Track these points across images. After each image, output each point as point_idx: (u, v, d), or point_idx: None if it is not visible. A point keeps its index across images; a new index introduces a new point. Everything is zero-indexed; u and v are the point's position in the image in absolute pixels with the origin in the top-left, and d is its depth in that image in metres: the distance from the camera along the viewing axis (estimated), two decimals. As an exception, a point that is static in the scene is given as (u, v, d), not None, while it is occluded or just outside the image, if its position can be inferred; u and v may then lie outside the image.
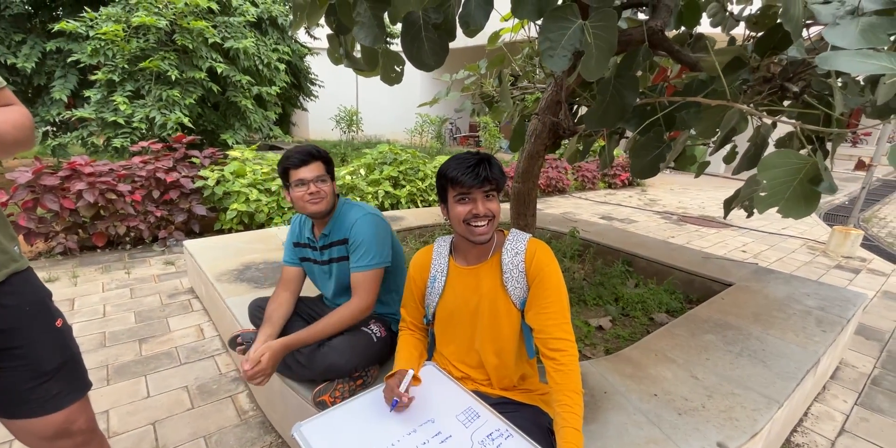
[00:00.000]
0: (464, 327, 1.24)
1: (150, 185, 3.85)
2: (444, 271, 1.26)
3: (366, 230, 1.46)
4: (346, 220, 1.49)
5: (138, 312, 2.74)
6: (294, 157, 1.41)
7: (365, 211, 1.50)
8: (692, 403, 1.47)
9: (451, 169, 1.12)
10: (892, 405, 2.15)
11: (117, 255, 3.70)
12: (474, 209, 1.11)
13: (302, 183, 1.41)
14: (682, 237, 4.99)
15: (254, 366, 1.27)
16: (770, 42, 1.50)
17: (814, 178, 1.07)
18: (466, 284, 1.22)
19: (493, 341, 1.21)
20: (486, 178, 1.09)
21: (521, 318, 1.19)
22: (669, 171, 10.77)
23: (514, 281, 1.16)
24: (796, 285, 2.58)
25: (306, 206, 1.43)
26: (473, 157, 1.12)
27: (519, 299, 1.17)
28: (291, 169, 1.41)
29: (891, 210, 7.49)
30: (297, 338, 1.37)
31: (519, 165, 2.46)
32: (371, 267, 1.45)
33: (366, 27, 1.23)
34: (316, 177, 1.42)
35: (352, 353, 1.40)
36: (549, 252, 1.19)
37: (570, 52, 1.14)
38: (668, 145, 1.65)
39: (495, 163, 1.13)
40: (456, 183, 1.10)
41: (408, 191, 5.12)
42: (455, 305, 1.24)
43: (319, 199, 1.42)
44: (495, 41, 2.62)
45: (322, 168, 1.45)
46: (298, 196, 1.42)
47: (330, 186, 1.46)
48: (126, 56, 5.03)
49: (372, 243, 1.45)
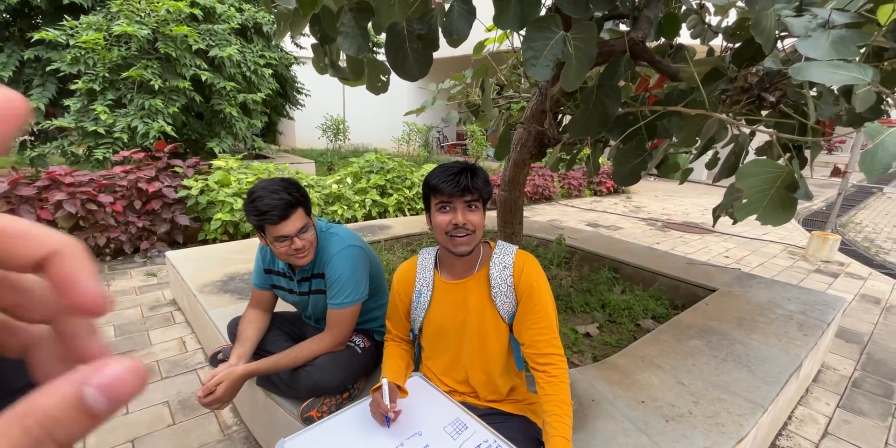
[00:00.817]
0: (450, 343, 1.23)
1: (131, 196, 3.77)
2: (429, 285, 1.23)
3: (342, 267, 1.37)
4: (325, 254, 1.40)
5: (118, 326, 2.66)
6: (272, 214, 1.21)
7: (343, 243, 1.41)
8: (679, 410, 1.47)
9: (433, 177, 1.10)
10: (873, 407, 2.19)
11: (97, 268, 3.60)
12: (454, 219, 1.08)
13: (284, 239, 1.26)
14: (667, 243, 5.06)
15: (207, 394, 1.22)
16: (747, 53, 1.54)
17: (790, 185, 1.09)
18: (453, 300, 1.20)
19: (481, 357, 1.20)
20: (467, 188, 1.07)
21: (509, 331, 1.18)
22: (653, 178, 10.95)
23: (503, 295, 1.15)
24: (777, 290, 2.63)
25: (293, 261, 1.32)
26: (457, 166, 1.10)
27: (507, 314, 1.16)
28: (269, 226, 1.24)
29: (866, 215, 7.71)
30: (263, 365, 1.32)
31: (505, 174, 2.48)
32: (347, 305, 1.38)
33: (350, 37, 1.24)
34: (299, 230, 1.27)
35: (337, 370, 1.37)
36: (536, 266, 1.18)
37: (552, 62, 1.16)
38: (650, 154, 1.67)
39: (480, 172, 1.12)
40: (437, 191, 1.09)
41: (395, 199, 5.12)
42: (441, 321, 1.22)
43: (305, 252, 1.32)
44: (480, 51, 2.65)
45: (302, 215, 1.28)
46: (282, 252, 1.29)
47: (313, 232, 1.35)
48: (107, 65, 4.96)
49: (348, 281, 1.37)
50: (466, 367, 1.22)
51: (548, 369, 1.10)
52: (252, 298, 1.59)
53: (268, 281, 1.56)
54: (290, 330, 1.62)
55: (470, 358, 1.21)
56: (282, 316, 1.65)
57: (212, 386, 1.25)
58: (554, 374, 1.09)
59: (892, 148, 0.82)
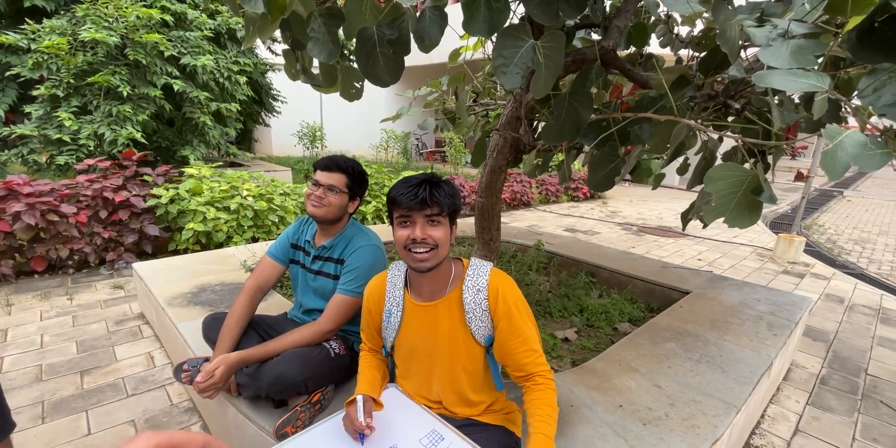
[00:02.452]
0: (422, 365, 1.19)
1: (96, 205, 3.63)
2: (399, 306, 1.18)
3: (365, 258, 1.48)
4: (352, 244, 1.52)
5: (81, 341, 2.54)
6: (323, 160, 1.49)
7: (371, 241, 1.53)
8: (656, 413, 1.48)
9: (394, 189, 1.05)
10: (840, 403, 2.26)
11: (59, 281, 3.44)
12: (412, 234, 1.02)
13: (316, 184, 1.47)
14: (642, 247, 5.16)
15: (207, 378, 1.27)
16: (712, 62, 1.59)
17: (755, 189, 1.12)
18: (424, 322, 1.15)
19: (453, 381, 1.17)
20: (425, 201, 1.00)
21: (485, 353, 1.15)
22: (628, 183, 11.19)
23: (478, 320, 1.10)
24: (748, 291, 2.70)
25: (307, 205, 1.48)
26: (417, 178, 1.05)
27: (483, 337, 1.12)
28: (318, 169, 1.49)
29: (828, 217, 8.04)
30: (254, 352, 1.37)
31: (482, 180, 2.48)
32: (353, 293, 1.46)
33: (320, 43, 1.22)
34: (329, 185, 1.46)
35: (303, 366, 1.35)
36: (512, 286, 1.13)
37: (522, 70, 1.17)
38: (623, 159, 1.70)
39: (443, 185, 1.05)
40: (396, 204, 1.03)
41: (373, 207, 5.08)
42: (412, 343, 1.18)
43: (320, 204, 1.46)
44: (456, 59, 2.67)
45: (341, 180, 1.48)
46: (308, 193, 1.48)
47: (339, 199, 1.49)
48: (71, 70, 4.79)
49: (365, 273, 1.45)
50: (438, 391, 1.19)
51: (536, 379, 1.09)
52: (258, 268, 1.65)
53: (287, 254, 1.66)
54: (265, 332, 1.60)
55: (441, 382, 1.18)
56: (261, 319, 1.65)
57: (211, 369, 1.30)
58: (540, 382, 1.08)
59: (850, 148, 0.85)
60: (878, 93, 1.08)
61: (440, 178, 1.09)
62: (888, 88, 1.08)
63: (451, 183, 1.10)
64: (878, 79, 1.09)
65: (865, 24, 1.16)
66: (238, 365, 1.35)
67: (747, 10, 1.58)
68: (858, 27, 1.16)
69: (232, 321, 1.50)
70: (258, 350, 1.38)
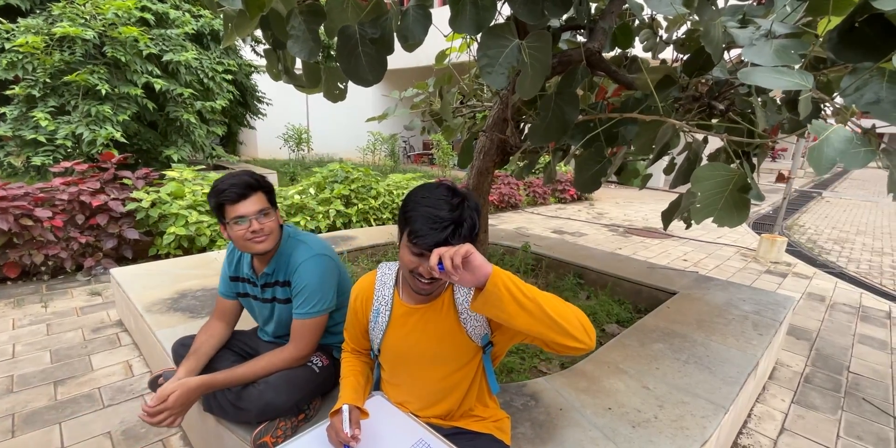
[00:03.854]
0: (410, 371, 1.15)
1: (73, 210, 3.52)
2: (387, 305, 1.13)
3: (310, 275, 1.33)
4: (292, 261, 1.36)
5: (55, 351, 2.45)
6: (230, 191, 1.22)
7: (312, 251, 1.36)
8: (645, 415, 1.47)
9: (414, 217, 0.93)
10: (824, 401, 2.28)
11: (33, 287, 3.33)
12: (422, 267, 0.97)
13: (242, 220, 1.24)
14: (629, 248, 5.19)
15: (158, 402, 1.14)
16: (696, 63, 1.60)
17: (743, 187, 1.12)
18: (413, 325, 1.11)
19: (443, 387, 1.13)
20: (447, 241, 0.91)
21: (481, 353, 1.11)
22: (614, 185, 11.30)
23: (473, 320, 1.06)
24: (733, 291, 2.72)
25: (249, 246, 1.27)
26: (447, 217, 0.91)
27: (479, 336, 1.08)
28: (227, 204, 1.23)
29: (808, 218, 8.22)
30: (220, 378, 1.25)
31: (469, 182, 2.46)
32: (312, 315, 1.33)
33: (301, 41, 1.19)
34: (258, 211, 1.25)
35: (291, 390, 1.28)
36: None
37: (507, 70, 1.16)
38: (609, 160, 1.70)
39: (468, 223, 0.94)
40: (412, 236, 0.93)
41: (360, 209, 5.02)
42: (400, 348, 1.13)
43: (264, 236, 1.27)
44: (442, 60, 2.65)
45: (264, 199, 1.28)
46: (239, 235, 1.25)
47: (274, 220, 1.31)
48: (48, 69, 4.66)
49: (315, 291, 1.33)
50: (427, 397, 1.15)
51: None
52: (216, 308, 1.53)
53: (234, 289, 1.51)
54: (241, 348, 1.52)
55: (431, 388, 1.14)
56: (235, 334, 1.55)
57: (164, 394, 1.16)
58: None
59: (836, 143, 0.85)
60: (861, 91, 1.09)
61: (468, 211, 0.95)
62: (870, 87, 1.09)
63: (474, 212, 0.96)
64: (860, 78, 1.10)
65: (846, 24, 1.17)
66: (199, 391, 1.22)
67: (730, 13, 1.60)
68: (839, 27, 1.17)
69: (203, 338, 1.40)
70: (224, 376, 1.25)
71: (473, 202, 0.97)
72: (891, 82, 1.08)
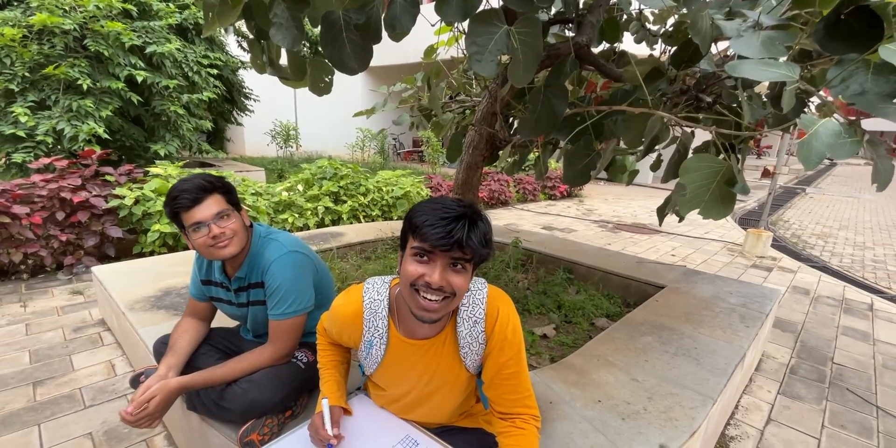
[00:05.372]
0: (404, 394, 1.10)
1: (52, 206, 3.43)
2: (383, 339, 1.02)
3: (282, 274, 1.26)
4: (262, 261, 1.29)
5: (34, 351, 2.38)
6: (182, 198, 1.14)
7: (283, 249, 1.30)
8: (634, 407, 1.47)
9: (421, 214, 0.85)
10: (809, 392, 2.32)
11: (11, 287, 3.24)
12: (430, 277, 0.84)
13: (200, 226, 1.16)
14: (618, 244, 5.23)
15: (139, 410, 1.10)
16: (684, 55, 1.60)
17: (729, 180, 1.12)
18: (414, 363, 1.03)
19: (441, 412, 1.11)
20: (458, 242, 0.81)
21: (476, 379, 1.08)
22: (603, 182, 11.38)
23: (474, 354, 1.00)
24: (720, 285, 2.75)
25: (213, 252, 1.20)
26: (455, 210, 0.84)
27: (474, 365, 1.03)
28: (182, 211, 1.15)
29: (793, 213, 8.36)
30: (198, 379, 1.21)
31: (458, 177, 2.45)
32: (289, 315, 1.28)
33: (283, 29, 1.16)
34: (215, 215, 1.17)
35: (277, 387, 1.25)
36: (511, 310, 1.01)
37: (496, 57, 1.14)
38: (598, 153, 1.70)
39: (480, 225, 0.85)
40: (420, 235, 0.83)
41: (349, 206, 4.98)
42: (396, 378, 1.08)
43: (226, 240, 1.19)
44: (431, 55, 2.63)
45: (222, 201, 1.20)
46: (200, 243, 1.18)
47: (236, 221, 1.23)
48: (26, 63, 4.53)
49: (290, 290, 1.27)
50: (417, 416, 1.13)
51: (516, 422, 0.98)
52: (188, 307, 1.48)
53: (206, 292, 1.45)
54: (225, 346, 1.48)
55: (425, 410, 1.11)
56: (216, 331, 1.51)
57: (144, 400, 1.12)
58: (522, 427, 0.97)
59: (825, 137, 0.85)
60: (846, 83, 1.09)
61: (479, 211, 0.88)
62: (855, 78, 1.09)
63: (489, 221, 0.89)
64: (846, 69, 1.11)
65: (832, 16, 1.17)
66: (178, 392, 1.18)
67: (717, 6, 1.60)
68: (825, 19, 1.17)
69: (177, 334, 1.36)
70: (203, 376, 1.22)
71: (484, 215, 0.89)
72: (876, 74, 1.09)
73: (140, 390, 1.14)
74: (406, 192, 5.39)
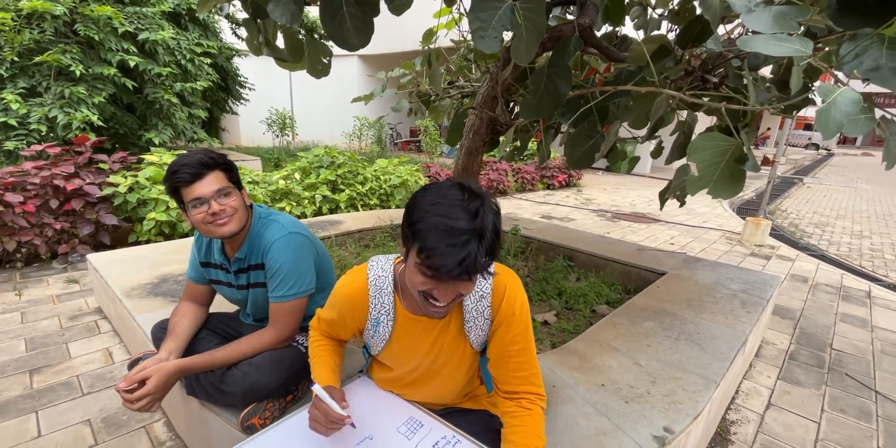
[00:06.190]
0: (409, 372, 1.09)
1: (45, 194, 3.38)
2: (389, 315, 1.01)
3: (283, 256, 1.24)
4: (263, 242, 1.27)
5: (30, 339, 2.36)
6: (183, 172, 1.12)
7: (284, 230, 1.28)
8: (637, 390, 1.47)
9: (429, 230, 0.76)
10: (808, 377, 2.32)
11: (6, 276, 3.20)
12: (437, 293, 0.82)
13: (200, 202, 1.15)
14: (617, 233, 5.22)
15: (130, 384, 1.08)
16: (690, 34, 1.56)
17: (740, 157, 1.09)
18: (419, 337, 1.02)
19: (447, 391, 1.10)
20: (467, 271, 0.75)
21: (480, 357, 1.07)
22: (602, 172, 11.35)
23: (478, 329, 0.99)
24: (721, 271, 2.74)
25: (212, 230, 1.18)
26: (466, 228, 0.75)
27: (479, 344, 1.03)
28: (182, 187, 1.14)
29: (790, 203, 8.36)
30: (197, 361, 1.19)
31: (458, 162, 2.41)
32: (290, 298, 1.26)
33: (281, 4, 1.12)
34: (216, 192, 1.16)
35: (277, 370, 1.23)
36: (518, 286, 1.00)
37: (500, 33, 1.10)
38: (602, 136, 1.66)
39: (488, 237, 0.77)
40: (425, 261, 0.77)
41: (347, 195, 4.94)
42: (402, 356, 1.07)
43: (226, 218, 1.18)
44: (430, 38, 2.57)
45: (223, 178, 1.18)
46: (199, 219, 1.16)
47: (237, 199, 1.21)
48: (16, 48, 4.43)
49: (291, 271, 1.25)
50: (423, 396, 1.12)
51: (523, 402, 0.97)
52: (186, 291, 1.45)
53: (205, 275, 1.43)
54: (224, 331, 1.46)
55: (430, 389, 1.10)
56: (215, 316, 1.49)
57: (137, 379, 1.09)
58: (528, 407, 0.95)
59: (843, 106, 0.82)
60: (860, 58, 1.06)
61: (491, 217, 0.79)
62: (869, 54, 1.06)
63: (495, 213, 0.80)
64: (859, 44, 1.07)
65: (846, -11, 1.14)
66: (177, 374, 1.16)
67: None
68: (839, -7, 1.13)
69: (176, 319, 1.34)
70: (202, 359, 1.20)
71: (494, 204, 0.82)
72: (891, 49, 1.05)
73: (136, 369, 1.12)
74: (404, 180, 5.34)
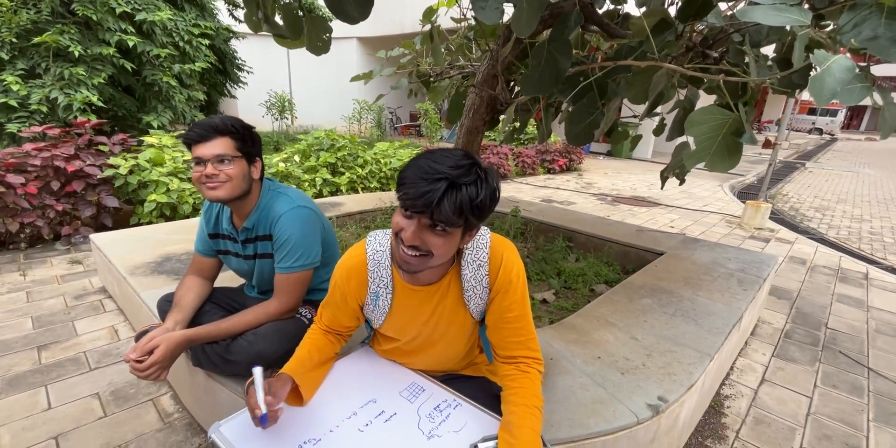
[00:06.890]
0: (411, 341, 1.11)
1: (46, 176, 3.39)
2: (388, 287, 1.03)
3: (291, 228, 1.28)
4: (271, 214, 1.31)
5: (37, 317, 2.40)
6: (193, 131, 1.17)
7: (293, 203, 1.31)
8: (633, 363, 1.50)
9: (409, 167, 0.82)
10: (802, 354, 2.36)
11: (9, 257, 3.23)
12: (405, 232, 0.83)
13: (199, 161, 1.19)
14: (617, 216, 5.22)
15: (141, 354, 1.10)
16: (691, 8, 1.54)
17: (737, 130, 1.10)
18: (419, 306, 1.04)
19: (448, 359, 1.13)
20: (428, 206, 0.77)
21: (479, 326, 1.09)
22: (602, 156, 11.29)
23: (477, 298, 1.01)
24: (719, 251, 2.76)
25: (203, 191, 1.22)
26: (440, 171, 0.77)
27: (478, 312, 1.05)
28: (192, 144, 1.19)
29: (792, 187, 8.34)
30: (203, 332, 1.22)
31: (458, 141, 2.41)
32: (296, 269, 1.29)
33: (279, -28, 1.10)
34: (216, 156, 1.18)
35: (281, 340, 1.26)
36: (514, 255, 1.01)
37: (501, 4, 1.09)
38: (602, 112, 1.66)
39: (465, 192, 0.78)
40: (399, 190, 0.82)
41: (347, 178, 4.94)
42: (402, 327, 1.08)
43: (217, 183, 1.20)
44: (430, 17, 2.54)
45: (229, 145, 1.20)
46: (195, 177, 1.20)
47: (237, 169, 1.22)
48: (14, 29, 4.38)
49: (298, 243, 1.28)
50: (424, 365, 1.15)
51: (519, 366, 0.99)
52: (193, 264, 1.48)
53: (213, 246, 1.46)
54: (229, 304, 1.48)
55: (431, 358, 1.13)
56: (220, 290, 1.52)
57: (148, 348, 1.12)
58: (526, 371, 0.98)
59: (837, 73, 0.82)
60: (859, 28, 1.06)
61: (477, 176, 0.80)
62: (868, 24, 1.05)
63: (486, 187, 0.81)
64: (859, 14, 1.07)
65: (850, -42, 1.12)
66: (184, 344, 1.18)
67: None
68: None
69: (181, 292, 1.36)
70: (209, 329, 1.23)
71: (493, 178, 0.82)
72: (889, 18, 1.05)
73: (144, 339, 1.14)
74: (404, 163, 5.33)
